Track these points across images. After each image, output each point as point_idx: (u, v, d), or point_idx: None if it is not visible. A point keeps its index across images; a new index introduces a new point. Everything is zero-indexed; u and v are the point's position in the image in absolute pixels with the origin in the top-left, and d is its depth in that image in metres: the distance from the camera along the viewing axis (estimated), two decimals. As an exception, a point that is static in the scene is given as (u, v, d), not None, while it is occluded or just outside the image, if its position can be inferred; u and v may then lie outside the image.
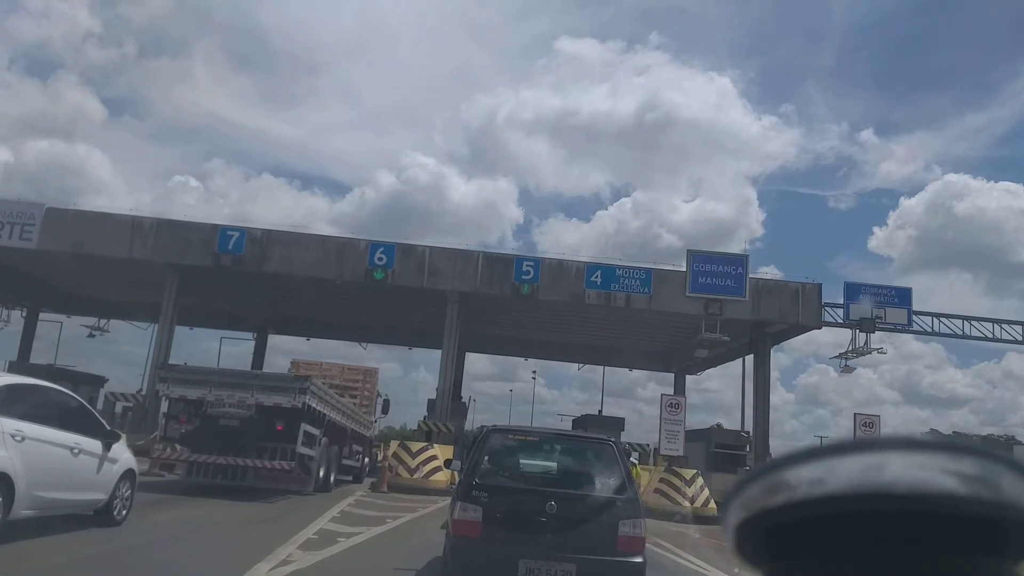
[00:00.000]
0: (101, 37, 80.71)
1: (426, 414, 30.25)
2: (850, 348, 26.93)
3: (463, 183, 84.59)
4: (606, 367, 43.15)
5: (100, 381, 34.07)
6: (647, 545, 6.36)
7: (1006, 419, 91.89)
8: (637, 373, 45.80)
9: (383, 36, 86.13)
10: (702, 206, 75.82)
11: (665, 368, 39.92)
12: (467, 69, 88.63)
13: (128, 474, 9.38)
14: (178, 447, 14.80)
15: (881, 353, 26.37)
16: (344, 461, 18.80)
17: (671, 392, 38.41)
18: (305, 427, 14.82)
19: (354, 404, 21.15)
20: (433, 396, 28.29)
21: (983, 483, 0.64)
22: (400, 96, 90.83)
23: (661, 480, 18.59)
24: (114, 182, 67.57)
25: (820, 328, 26.73)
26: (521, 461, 7.12)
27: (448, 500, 9.09)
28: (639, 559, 6.02)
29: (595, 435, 8.26)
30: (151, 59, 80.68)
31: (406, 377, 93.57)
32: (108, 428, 9.12)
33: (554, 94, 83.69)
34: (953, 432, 54.11)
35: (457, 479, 8.13)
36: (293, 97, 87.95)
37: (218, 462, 14.44)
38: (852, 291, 26.68)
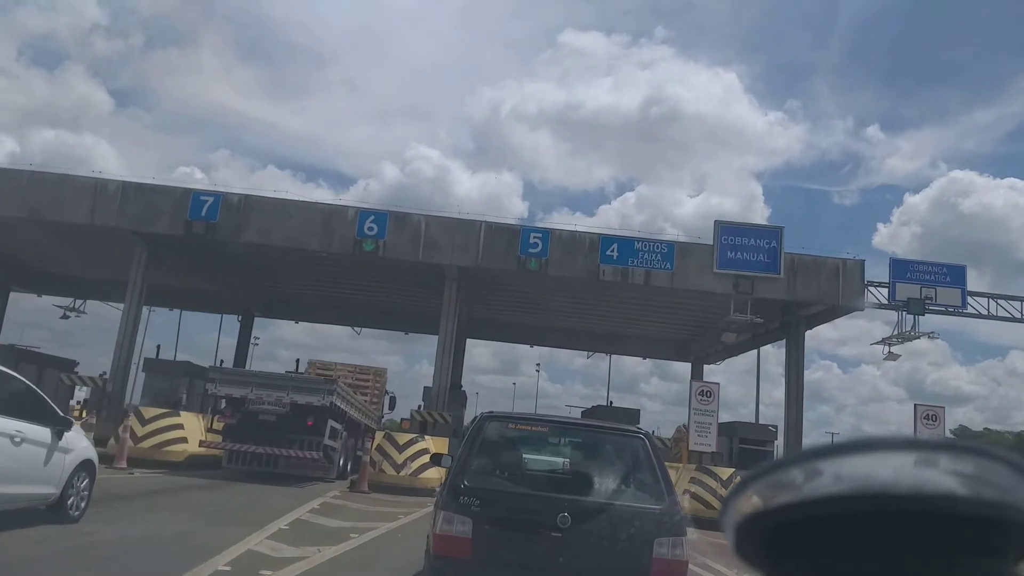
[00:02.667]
0: (108, 28, 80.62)
1: (421, 403, 27.55)
2: (895, 332, 24.03)
3: (467, 177, 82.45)
4: (616, 357, 40.53)
5: (69, 365, 31.37)
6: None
7: (1011, 417, 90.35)
8: (640, 367, 43.52)
9: (389, 28, 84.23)
10: (707, 201, 73.55)
11: (681, 357, 37.02)
12: (472, 62, 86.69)
13: (85, 465, 8.57)
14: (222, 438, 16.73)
15: (933, 338, 23.47)
16: (357, 452, 19.69)
17: (676, 385, 35.58)
18: (331, 423, 16.59)
19: (365, 401, 22.67)
20: (430, 384, 25.44)
21: (984, 483, 0.64)
22: (405, 89, 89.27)
23: (692, 480, 15.76)
24: (120, 173, 65.91)
25: (863, 310, 23.84)
26: (525, 458, 5.81)
27: None
28: None
29: (622, 426, 6.50)
30: (158, 50, 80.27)
31: (409, 370, 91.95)
32: (60, 415, 8.36)
33: (558, 87, 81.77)
34: (985, 429, 51.29)
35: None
36: (299, 89, 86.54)
37: (256, 451, 16.35)
38: (899, 268, 23.77)
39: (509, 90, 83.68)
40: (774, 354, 30.27)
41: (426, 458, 16.16)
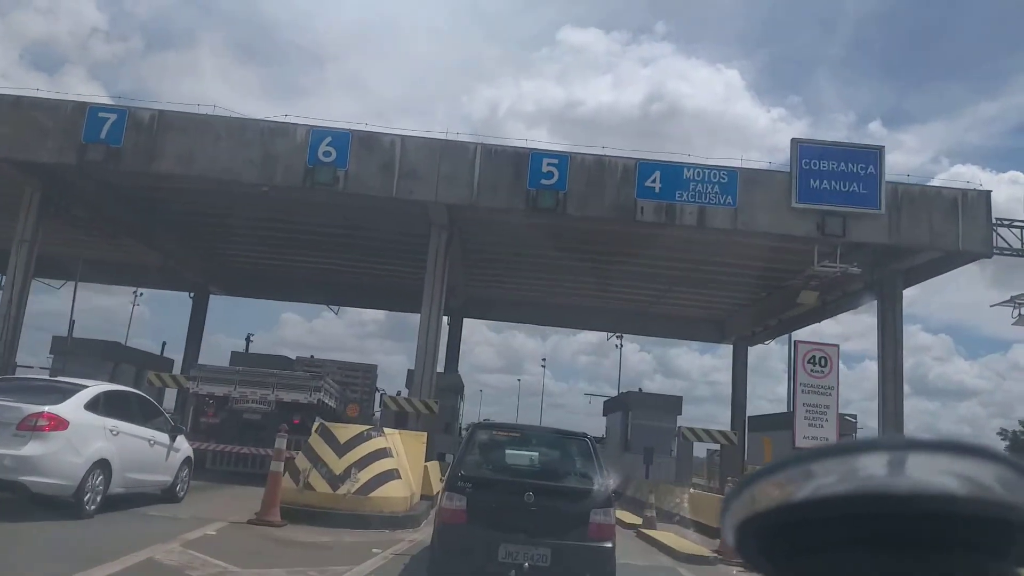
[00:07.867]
0: (107, 32, 79.04)
1: (403, 389, 21.59)
2: (1034, 288, 17.94)
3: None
4: (636, 340, 34.52)
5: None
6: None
7: (1015, 411, 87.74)
8: (643, 364, 38.70)
9: (388, 28, 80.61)
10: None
11: (720, 338, 30.71)
12: (470, 60, 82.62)
13: (187, 461, 11.06)
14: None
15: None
16: None
17: (681, 382, 29.83)
18: (319, 421, 15.27)
19: (355, 399, 22.77)
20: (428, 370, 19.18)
21: (984, 483, 0.64)
22: (404, 87, 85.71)
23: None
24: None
25: (991, 256, 17.69)
26: (505, 454, 7.28)
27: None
28: (609, 544, 6.20)
29: (572, 431, 7.61)
30: (157, 53, 78.60)
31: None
32: (173, 424, 10.83)
33: (557, 85, 77.51)
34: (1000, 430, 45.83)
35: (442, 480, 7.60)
36: (298, 89, 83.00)
37: (241, 452, 16.06)
38: (1040, 202, 17.68)
39: (507, 88, 79.29)
40: (777, 351, 24.70)
41: (389, 464, 10.08)
